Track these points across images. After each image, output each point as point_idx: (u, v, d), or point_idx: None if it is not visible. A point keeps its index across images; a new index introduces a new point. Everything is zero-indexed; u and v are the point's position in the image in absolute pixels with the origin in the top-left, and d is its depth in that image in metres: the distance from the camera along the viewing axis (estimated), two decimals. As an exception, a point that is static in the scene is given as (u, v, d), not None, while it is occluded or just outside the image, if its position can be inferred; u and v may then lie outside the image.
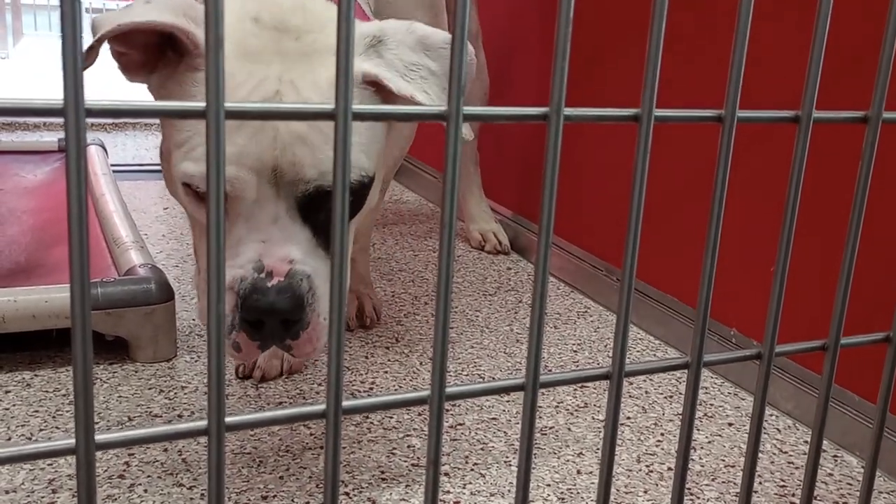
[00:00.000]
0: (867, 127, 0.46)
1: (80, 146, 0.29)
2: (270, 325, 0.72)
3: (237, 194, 0.71)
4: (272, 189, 0.72)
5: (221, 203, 0.32)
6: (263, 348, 0.74)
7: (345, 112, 0.33)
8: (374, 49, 0.77)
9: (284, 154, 0.71)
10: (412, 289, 1.50)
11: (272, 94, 0.72)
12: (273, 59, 0.73)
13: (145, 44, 0.75)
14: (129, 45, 0.75)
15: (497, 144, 1.86)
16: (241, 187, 0.71)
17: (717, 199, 0.43)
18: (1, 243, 1.35)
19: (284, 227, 0.73)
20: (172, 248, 1.62)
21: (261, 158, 0.70)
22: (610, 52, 1.47)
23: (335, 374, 0.35)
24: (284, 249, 0.72)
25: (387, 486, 0.89)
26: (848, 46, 0.99)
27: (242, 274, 0.72)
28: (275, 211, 0.72)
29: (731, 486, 0.93)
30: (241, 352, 0.74)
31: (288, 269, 0.72)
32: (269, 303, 0.71)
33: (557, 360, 1.24)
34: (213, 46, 0.30)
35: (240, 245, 0.73)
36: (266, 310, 0.71)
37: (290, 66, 0.73)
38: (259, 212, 0.72)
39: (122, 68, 0.77)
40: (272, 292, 0.71)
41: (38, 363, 1.11)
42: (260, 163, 0.70)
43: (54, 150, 1.95)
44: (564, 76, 0.36)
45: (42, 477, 0.86)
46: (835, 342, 0.50)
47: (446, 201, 0.35)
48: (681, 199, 1.31)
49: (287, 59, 0.74)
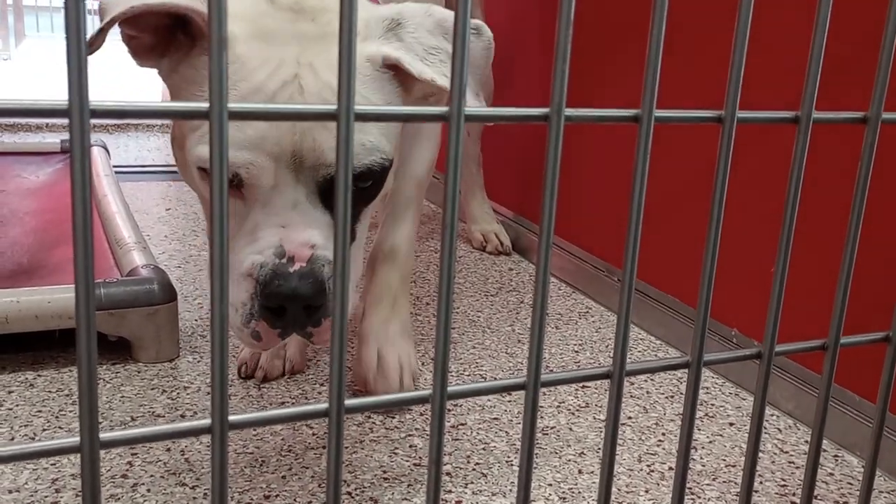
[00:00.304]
0: (866, 127, 0.47)
1: (84, 147, 0.29)
2: (292, 311, 0.70)
3: (254, 181, 0.70)
4: (291, 174, 0.70)
5: (225, 203, 0.32)
6: (284, 336, 0.73)
7: (347, 112, 0.33)
8: (392, 32, 0.75)
9: (304, 138, 0.69)
10: (414, 289, 1.51)
11: (291, 78, 0.70)
12: (289, 41, 0.71)
13: (156, 26, 0.73)
14: (139, 28, 0.73)
15: (498, 145, 1.86)
16: (257, 173, 0.69)
17: (717, 199, 0.43)
18: (4, 244, 1.35)
19: (305, 212, 0.71)
20: (175, 249, 1.62)
21: (280, 143, 0.69)
22: (610, 53, 1.47)
23: (337, 373, 0.35)
24: (305, 234, 0.71)
25: (389, 485, 0.89)
26: (847, 47, 0.99)
27: (262, 260, 0.70)
28: (294, 196, 0.71)
29: (731, 486, 0.93)
30: (261, 341, 0.72)
31: (310, 254, 0.70)
32: (292, 288, 0.69)
33: (559, 361, 1.24)
34: (216, 47, 0.30)
35: (258, 230, 0.71)
36: (288, 296, 0.69)
37: (308, 49, 0.71)
38: (278, 197, 0.71)
39: (131, 52, 0.75)
40: (294, 278, 0.69)
41: (41, 363, 1.12)
42: (279, 147, 0.69)
43: (56, 152, 1.95)
44: (565, 77, 0.36)
45: (45, 476, 0.86)
46: (835, 342, 0.50)
47: (448, 202, 0.35)
48: (681, 200, 1.31)
49: (304, 41, 0.72)
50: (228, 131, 0.31)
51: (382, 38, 0.74)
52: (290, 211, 0.71)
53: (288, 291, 0.69)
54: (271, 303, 0.70)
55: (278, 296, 0.69)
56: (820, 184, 1.04)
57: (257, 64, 0.70)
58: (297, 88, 0.70)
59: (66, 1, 0.28)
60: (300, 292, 0.69)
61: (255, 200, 0.71)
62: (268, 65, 0.70)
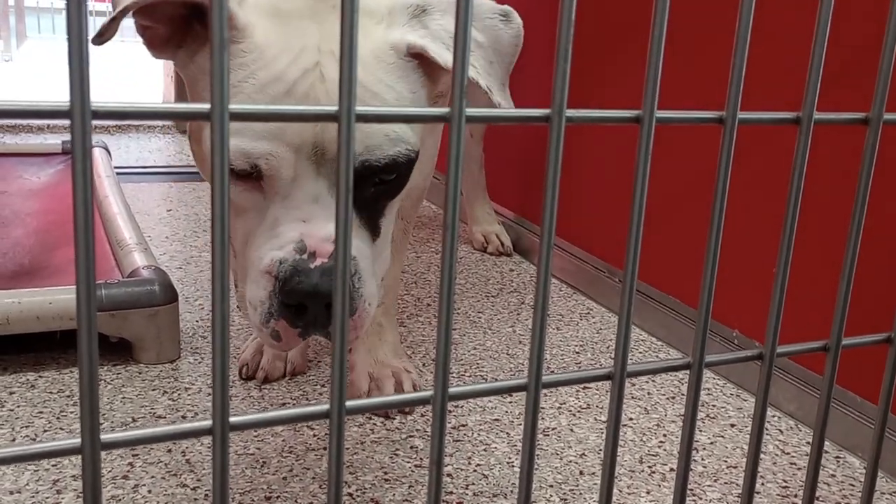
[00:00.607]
0: (868, 128, 0.46)
1: (86, 148, 0.29)
2: (313, 310, 0.67)
3: (273, 173, 0.67)
4: (312, 166, 0.67)
5: (226, 203, 0.32)
6: (304, 336, 0.69)
7: (348, 114, 0.33)
8: (418, 19, 0.72)
9: (326, 129, 0.66)
10: (415, 290, 1.51)
11: (312, 66, 0.67)
12: (309, 27, 0.69)
13: (171, 16, 0.70)
14: (154, 17, 0.70)
15: (499, 146, 1.86)
16: (277, 165, 0.66)
17: (718, 200, 0.43)
18: (5, 245, 1.35)
19: (327, 205, 0.67)
20: (176, 250, 1.62)
21: (301, 133, 0.66)
22: (611, 54, 1.47)
23: (338, 374, 0.35)
24: (327, 229, 0.67)
25: (390, 486, 0.89)
26: (849, 48, 0.99)
27: (282, 255, 0.67)
28: (315, 189, 0.67)
29: (733, 487, 0.93)
30: (280, 341, 0.69)
31: (332, 249, 0.66)
32: (313, 285, 0.65)
33: (560, 362, 1.24)
34: (217, 48, 0.30)
35: (278, 225, 0.68)
36: (310, 293, 0.66)
37: (328, 35, 0.68)
38: (298, 190, 0.67)
39: (146, 43, 0.73)
40: (316, 274, 0.65)
41: (43, 364, 1.12)
42: (300, 138, 0.66)
43: (58, 153, 1.95)
44: (566, 78, 0.36)
45: (46, 478, 0.86)
46: (836, 343, 0.50)
47: (449, 203, 0.35)
48: (682, 201, 1.31)
49: (324, 27, 0.69)
50: (229, 130, 0.31)
51: (407, 25, 0.71)
52: (311, 204, 0.67)
53: (309, 288, 0.66)
54: (291, 300, 0.67)
55: (299, 293, 0.66)
56: (821, 185, 1.04)
57: (277, 52, 0.67)
58: (319, 76, 0.67)
59: (68, 2, 0.28)
60: (322, 289, 0.65)
61: (274, 193, 0.68)
62: (288, 52, 0.67)
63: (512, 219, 1.84)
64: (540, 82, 1.73)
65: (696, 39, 1.26)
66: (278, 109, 0.33)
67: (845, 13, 0.95)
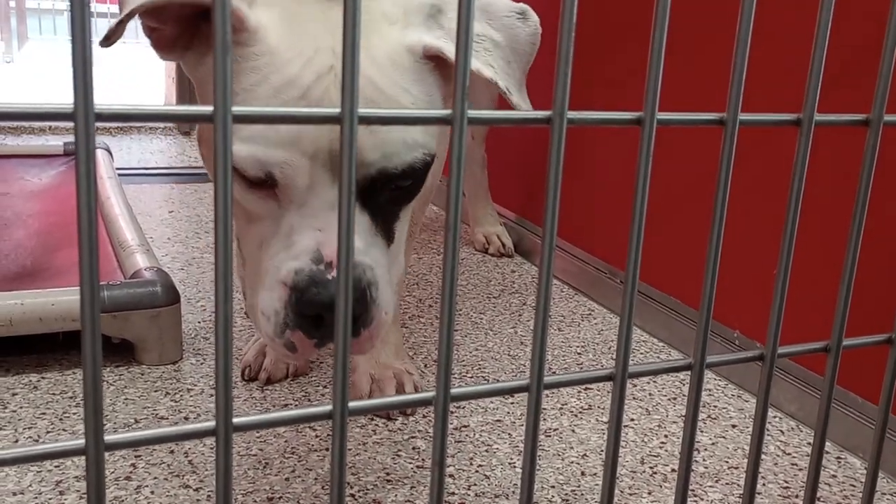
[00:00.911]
0: (868, 130, 0.47)
1: (89, 150, 0.30)
2: (330, 321, 0.65)
3: (288, 181, 0.65)
4: (328, 174, 0.65)
5: (229, 205, 0.32)
6: (320, 346, 0.67)
7: (351, 116, 0.33)
8: (433, 19, 0.70)
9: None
10: (416, 291, 1.51)
11: (326, 70, 0.66)
12: (321, 30, 0.67)
13: (179, 17, 0.69)
14: (161, 19, 0.69)
15: (501, 148, 1.87)
16: (292, 173, 0.65)
17: (719, 201, 0.43)
18: (7, 247, 1.35)
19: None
20: (178, 252, 1.62)
21: (316, 142, 0.64)
22: (612, 56, 1.48)
23: (341, 375, 0.35)
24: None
25: (392, 487, 0.89)
26: (849, 49, 0.99)
27: (298, 265, 0.65)
28: (332, 197, 0.66)
29: (734, 488, 0.93)
30: (296, 352, 0.68)
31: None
32: (330, 296, 0.64)
33: (561, 363, 1.24)
34: (220, 50, 0.31)
35: (293, 234, 0.66)
36: (328, 304, 0.64)
37: (342, 38, 0.68)
38: (314, 198, 0.66)
39: (153, 45, 0.71)
40: (333, 285, 0.64)
41: (45, 366, 1.12)
42: (315, 146, 0.64)
43: (59, 154, 1.95)
44: (568, 80, 0.37)
45: (49, 479, 0.86)
46: (837, 344, 0.50)
47: (451, 204, 0.35)
48: (683, 202, 1.31)
49: (338, 30, 0.66)
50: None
51: (423, 25, 0.70)
52: (327, 213, 0.66)
53: (326, 299, 0.64)
54: (308, 311, 0.65)
55: (316, 304, 0.65)
56: (822, 186, 1.04)
57: (291, 55, 0.66)
58: (333, 80, 0.66)
59: (72, 4, 0.28)
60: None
61: (290, 202, 0.67)
62: (302, 56, 0.66)
63: (513, 220, 1.84)
64: (541, 84, 1.73)
65: (697, 41, 1.26)
66: (281, 112, 0.33)
67: (845, 14, 0.95)
